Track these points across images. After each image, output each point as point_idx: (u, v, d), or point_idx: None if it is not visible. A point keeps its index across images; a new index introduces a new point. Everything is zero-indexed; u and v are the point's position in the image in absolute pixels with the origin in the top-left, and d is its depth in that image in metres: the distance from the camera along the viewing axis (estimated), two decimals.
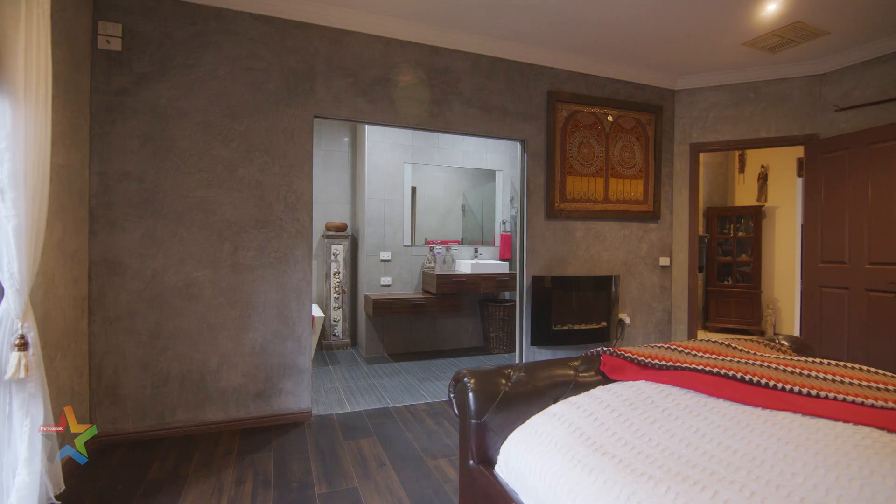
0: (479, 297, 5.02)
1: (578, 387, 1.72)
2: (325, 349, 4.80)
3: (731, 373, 1.67)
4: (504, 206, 5.18)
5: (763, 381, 1.59)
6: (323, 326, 4.89)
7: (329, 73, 2.97)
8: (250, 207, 2.80)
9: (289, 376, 2.89)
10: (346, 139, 5.08)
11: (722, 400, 1.57)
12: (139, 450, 2.49)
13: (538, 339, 3.50)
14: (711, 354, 1.96)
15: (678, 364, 1.80)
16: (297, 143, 2.91)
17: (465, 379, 1.61)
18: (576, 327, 3.59)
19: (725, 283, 6.13)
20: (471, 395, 1.57)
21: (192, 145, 2.70)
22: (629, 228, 3.93)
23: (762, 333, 5.89)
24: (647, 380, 1.73)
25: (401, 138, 4.70)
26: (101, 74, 2.55)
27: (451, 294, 4.44)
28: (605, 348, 1.94)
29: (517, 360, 3.60)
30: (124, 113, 2.58)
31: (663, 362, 1.83)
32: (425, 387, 3.62)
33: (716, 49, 3.49)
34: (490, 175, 5.17)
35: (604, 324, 3.71)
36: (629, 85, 3.90)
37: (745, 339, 2.21)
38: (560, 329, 3.54)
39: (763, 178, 6.04)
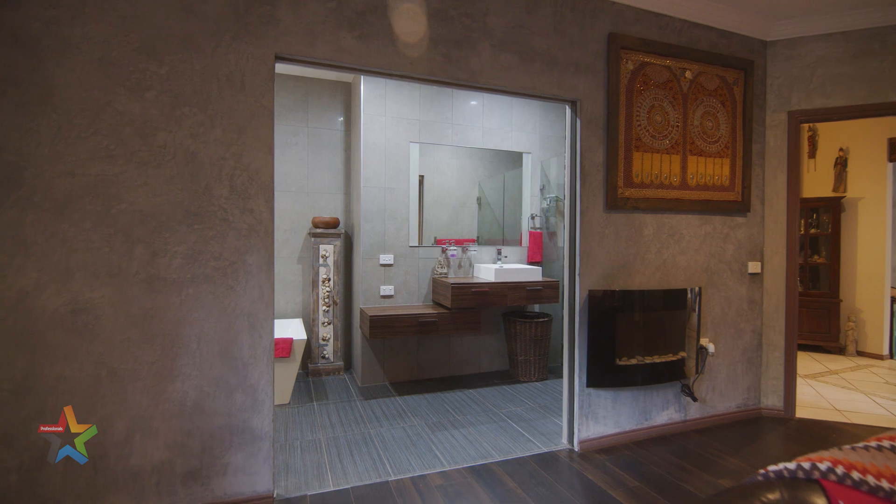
0: (502, 309, 4.05)
1: None
2: (312, 375, 3.85)
3: None
4: (533, 198, 4.20)
5: None
6: (309, 347, 3.94)
7: None
8: (177, 192, 1.84)
9: (238, 445, 1.93)
10: (341, 118, 4.11)
11: None
12: None
13: (597, 377, 2.52)
14: None
15: None
16: (251, 96, 1.95)
17: None
18: (647, 360, 2.61)
19: None
20: None
21: (82, 95, 1.74)
22: (711, 223, 2.94)
23: (841, 350, 4.88)
24: None
25: (405, 110, 3.73)
26: None
27: (469, 308, 3.47)
28: (822, 465, 0.96)
29: (566, 411, 2.62)
30: None
31: None
32: (440, 440, 2.65)
33: None
34: (515, 159, 4.19)
35: (682, 354, 2.72)
36: (712, 31, 2.90)
37: None
38: (626, 363, 2.56)
39: (842, 164, 5.02)
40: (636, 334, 2.60)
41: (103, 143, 1.76)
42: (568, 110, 2.60)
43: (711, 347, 2.87)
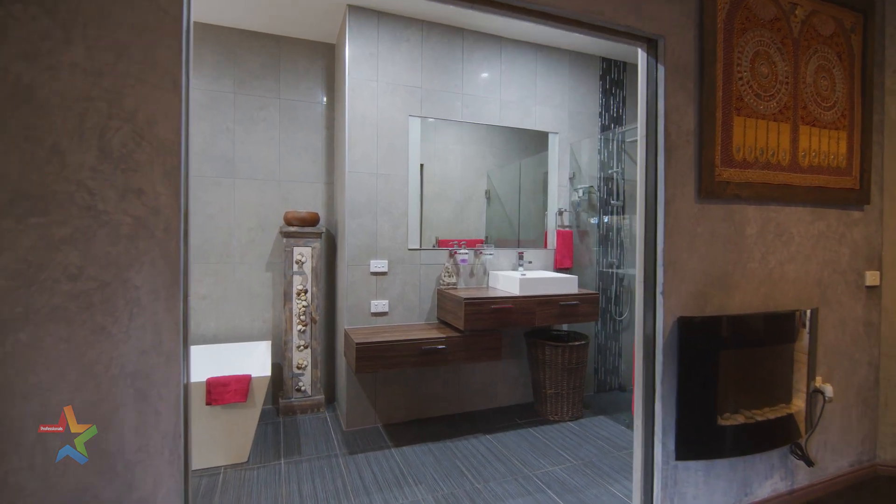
0: (525, 328, 3.24)
1: None
2: (284, 413, 3.02)
3: None
4: (561, 188, 3.40)
5: None
6: (280, 377, 3.12)
7: None
8: None
9: None
10: (324, 99, 3.27)
11: None
12: None
13: (692, 445, 1.72)
14: None
15: None
16: None
17: None
18: (757, 417, 1.81)
19: None
20: None
21: None
22: (825, 220, 2.15)
23: None
24: None
25: (403, 74, 2.90)
26: None
27: (487, 330, 2.66)
28: None
29: (639, 490, 1.80)
30: None
31: None
32: None
33: None
34: (534, 143, 3.38)
35: (797, 404, 1.93)
36: None
37: None
38: (730, 423, 1.76)
39: None
40: (741, 379, 1.81)
41: None
42: (642, 54, 1.79)
43: (829, 390, 2.09)
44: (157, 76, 1.12)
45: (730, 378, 1.77)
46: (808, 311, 1.98)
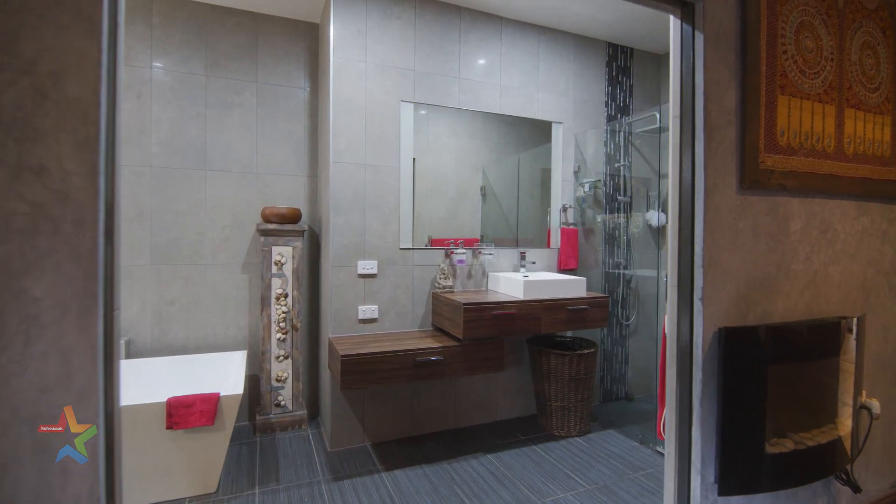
0: (527, 335, 2.98)
1: None
2: (261, 431, 2.72)
3: None
4: (565, 183, 3.15)
5: None
6: (258, 391, 2.82)
7: None
8: None
9: None
10: (307, 84, 2.97)
11: None
12: None
13: (738, 476, 1.47)
14: None
15: None
16: None
17: None
18: (807, 441, 1.57)
19: None
20: None
21: None
22: (869, 215, 1.93)
23: None
24: None
25: (394, 55, 2.62)
26: None
27: (489, 339, 2.40)
28: None
29: None
30: None
31: None
32: None
33: None
34: (534, 135, 3.13)
35: (847, 425, 1.70)
36: None
37: None
38: (779, 450, 1.52)
39: None
40: (788, 398, 1.57)
41: None
42: (675, 22, 1.54)
43: (875, 406, 1.86)
44: (66, 14, 0.83)
45: (777, 397, 1.52)
46: (855, 319, 1.75)
